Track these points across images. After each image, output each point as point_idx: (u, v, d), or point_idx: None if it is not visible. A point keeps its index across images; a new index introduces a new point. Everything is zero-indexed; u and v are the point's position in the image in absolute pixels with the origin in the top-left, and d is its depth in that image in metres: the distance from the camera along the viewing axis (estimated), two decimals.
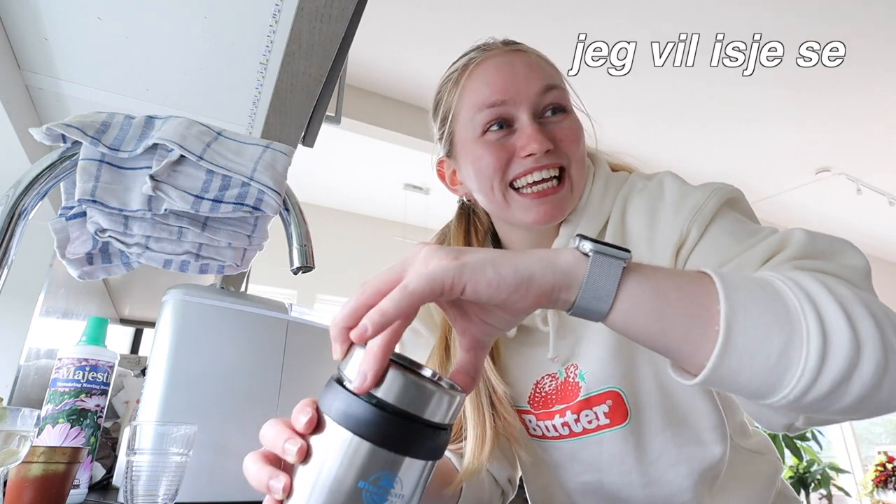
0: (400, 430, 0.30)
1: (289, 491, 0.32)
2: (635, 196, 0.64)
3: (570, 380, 0.65)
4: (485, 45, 0.67)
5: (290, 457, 0.32)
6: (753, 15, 2.65)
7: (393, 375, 0.31)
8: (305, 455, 0.32)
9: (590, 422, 0.64)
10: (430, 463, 0.32)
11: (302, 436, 0.32)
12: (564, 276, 0.35)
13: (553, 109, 0.63)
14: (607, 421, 0.63)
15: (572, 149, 0.62)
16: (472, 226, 0.74)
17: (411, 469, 0.31)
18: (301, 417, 0.32)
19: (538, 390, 0.68)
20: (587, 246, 0.35)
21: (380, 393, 0.31)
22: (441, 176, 0.73)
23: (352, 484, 0.30)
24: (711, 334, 0.34)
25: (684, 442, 0.62)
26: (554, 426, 0.67)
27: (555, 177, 0.61)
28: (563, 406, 0.66)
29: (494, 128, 0.62)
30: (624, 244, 0.61)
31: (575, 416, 0.65)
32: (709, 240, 0.56)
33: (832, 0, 2.56)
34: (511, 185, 0.62)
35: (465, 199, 0.75)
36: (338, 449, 0.30)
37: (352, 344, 0.33)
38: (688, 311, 0.35)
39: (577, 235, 0.37)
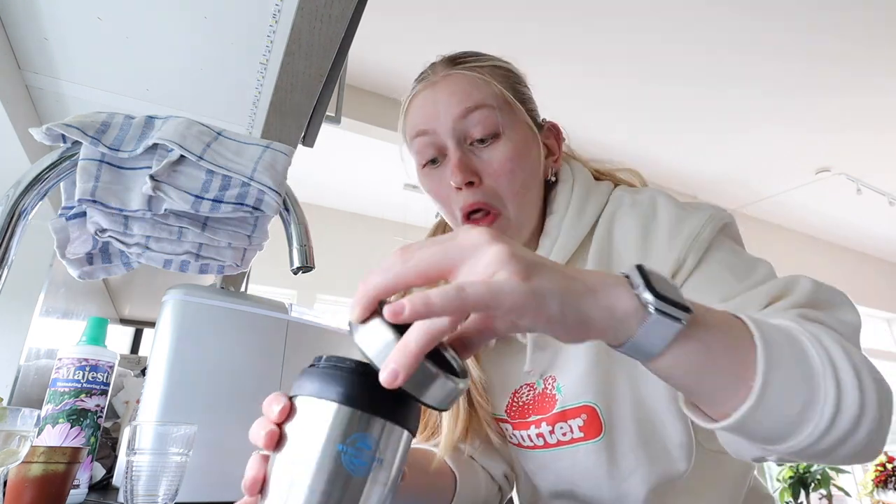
0: (363, 387, 0.31)
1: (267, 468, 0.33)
2: (624, 213, 0.63)
3: (548, 391, 0.65)
4: (424, 73, 0.67)
5: (261, 441, 0.32)
6: (753, 18, 2.65)
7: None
8: (280, 440, 0.32)
9: (564, 434, 0.64)
10: (405, 432, 0.32)
11: (279, 425, 0.32)
12: (618, 327, 0.33)
13: (482, 137, 0.61)
14: (581, 434, 0.63)
15: (502, 182, 0.61)
16: None
17: (386, 433, 0.31)
18: (274, 406, 0.33)
19: (516, 399, 0.68)
20: (649, 298, 0.33)
21: (361, 360, 0.31)
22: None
23: (332, 449, 0.30)
24: (745, 390, 0.35)
25: (655, 459, 0.61)
26: (529, 436, 0.67)
27: (485, 212, 0.61)
28: (538, 417, 0.65)
29: (427, 159, 0.64)
30: (611, 261, 0.62)
31: (550, 428, 0.64)
32: (706, 271, 0.56)
33: (832, 0, 2.56)
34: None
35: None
36: (312, 419, 0.31)
37: (374, 312, 0.31)
38: (727, 370, 0.36)
39: (638, 270, 0.34)
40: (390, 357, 0.29)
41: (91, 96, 0.78)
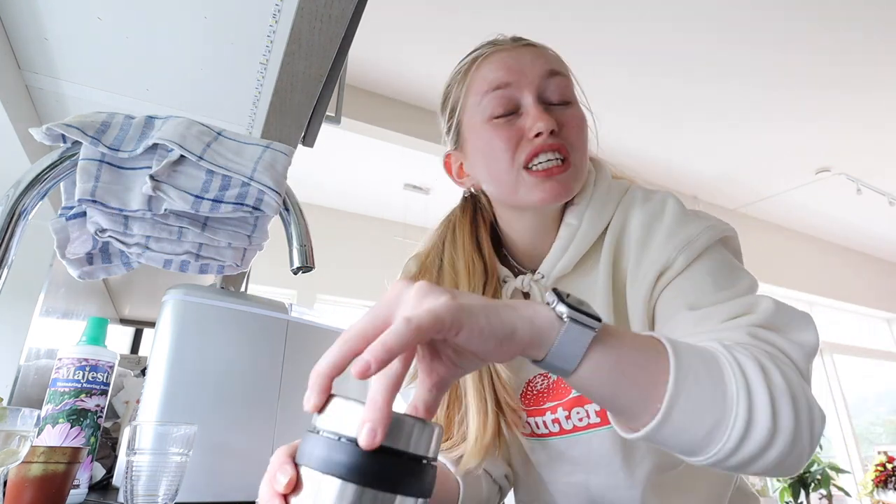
0: (385, 466, 0.29)
1: None
2: (637, 208, 0.65)
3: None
4: (494, 40, 0.69)
5: None
6: (753, 18, 2.65)
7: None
8: None
9: (580, 419, 0.64)
10: (420, 501, 0.31)
11: (285, 496, 0.31)
12: (539, 336, 0.36)
13: (558, 101, 0.64)
14: (598, 420, 0.63)
15: (574, 135, 0.64)
16: (477, 215, 0.75)
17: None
18: (280, 478, 0.31)
19: (530, 388, 0.68)
20: (563, 310, 0.36)
21: (356, 433, 0.29)
22: (448, 169, 0.74)
23: None
24: (653, 410, 0.39)
25: None
26: (545, 423, 0.67)
27: (559, 158, 0.62)
28: (555, 403, 0.66)
29: (501, 111, 0.64)
30: (620, 254, 0.64)
31: (566, 413, 0.65)
32: (691, 274, 0.58)
33: (833, 1, 2.56)
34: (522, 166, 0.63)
35: (471, 190, 0.76)
36: (317, 495, 0.29)
37: (330, 396, 0.32)
38: (639, 385, 0.39)
39: (553, 291, 0.38)
40: (363, 417, 0.29)
41: (91, 96, 0.78)
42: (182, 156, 0.60)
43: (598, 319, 0.37)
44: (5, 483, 0.56)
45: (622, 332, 0.40)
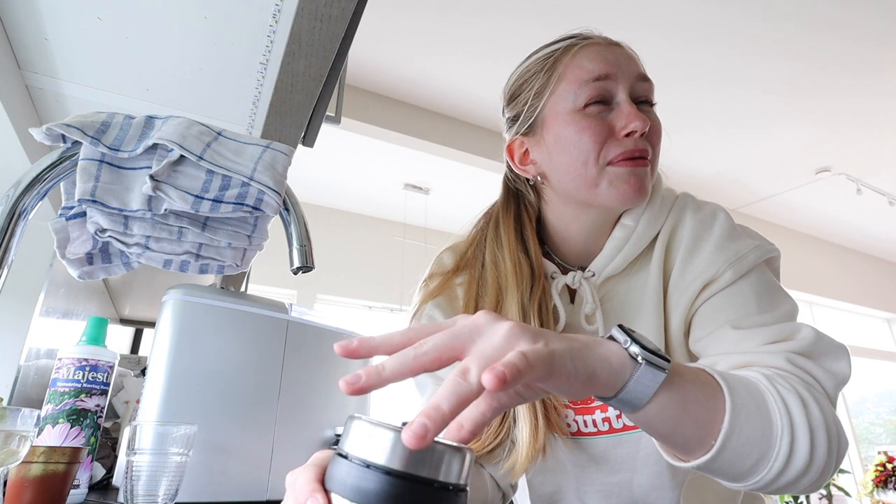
0: (417, 496, 0.29)
1: None
2: (688, 217, 0.67)
3: None
4: (583, 34, 0.70)
5: None
6: (752, 18, 2.65)
7: (397, 440, 0.29)
8: None
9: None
10: None
11: None
12: (614, 377, 0.37)
13: (646, 99, 0.66)
14: None
15: (656, 139, 0.66)
16: (521, 210, 0.74)
17: None
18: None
19: None
20: (636, 350, 0.38)
21: (392, 461, 0.29)
22: (510, 154, 0.72)
23: None
24: (708, 445, 0.42)
25: None
26: (594, 421, 0.67)
27: (644, 157, 0.64)
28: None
29: (599, 100, 0.64)
30: (669, 261, 0.66)
31: (617, 412, 0.65)
32: (736, 291, 0.60)
33: (833, 1, 2.56)
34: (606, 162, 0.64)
35: (531, 180, 0.73)
36: None
37: (355, 419, 0.31)
38: (698, 423, 0.41)
39: (621, 329, 0.39)
40: (422, 413, 0.29)
41: (91, 96, 0.78)
42: (182, 156, 0.60)
43: (668, 360, 0.39)
44: (5, 483, 0.56)
45: (684, 371, 0.42)
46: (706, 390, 0.42)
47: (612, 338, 0.39)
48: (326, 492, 0.31)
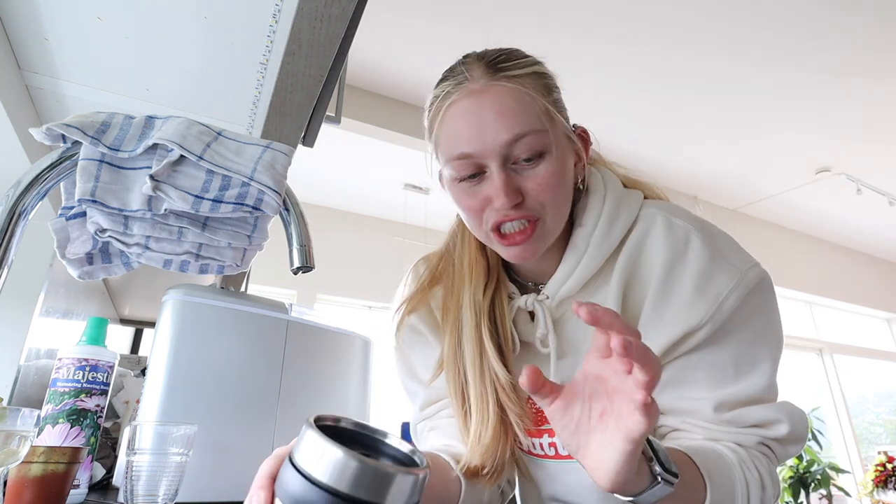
0: None
1: None
2: (656, 238, 0.62)
3: None
4: (459, 73, 0.63)
5: None
6: (754, 28, 2.65)
7: (345, 462, 0.28)
8: None
9: None
10: None
11: None
12: (636, 484, 0.43)
13: (528, 157, 0.59)
14: None
15: (545, 195, 0.60)
16: None
17: None
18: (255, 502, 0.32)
19: (530, 405, 0.67)
20: (659, 470, 0.44)
21: (339, 483, 0.28)
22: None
23: None
24: None
25: None
26: (541, 444, 0.67)
27: (525, 223, 0.61)
28: (551, 426, 0.65)
29: (466, 175, 0.61)
30: (635, 286, 0.63)
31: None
32: (714, 351, 0.60)
33: (834, 5, 2.56)
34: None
35: None
36: None
37: (321, 423, 0.31)
38: None
39: (648, 443, 0.44)
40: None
41: (91, 96, 0.78)
42: (182, 156, 0.60)
43: (677, 476, 0.45)
44: (5, 483, 0.56)
45: (685, 477, 0.47)
46: (696, 489, 0.51)
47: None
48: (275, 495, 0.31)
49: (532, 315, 0.69)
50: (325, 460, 0.29)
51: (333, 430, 0.32)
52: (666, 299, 0.60)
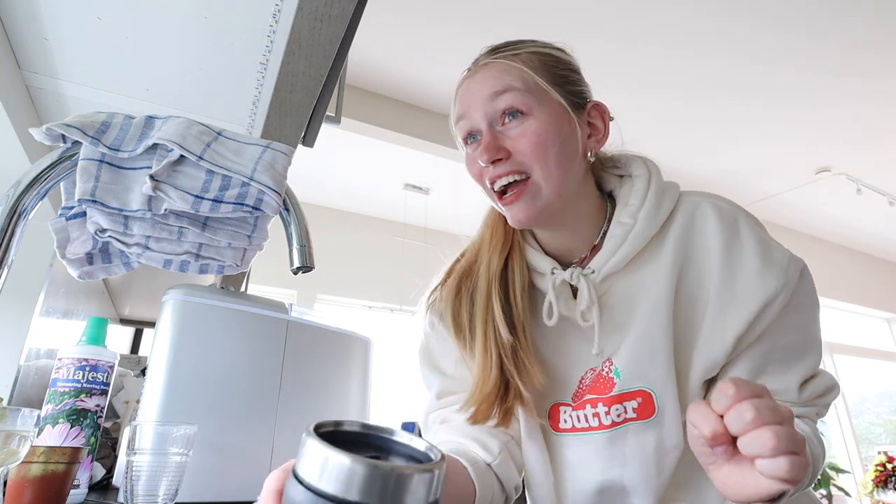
0: None
1: None
2: (707, 216, 0.66)
3: (605, 374, 0.67)
4: (476, 59, 0.70)
5: None
6: (754, 28, 2.65)
7: (352, 468, 0.26)
8: None
9: (619, 415, 0.66)
10: None
11: None
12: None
13: (511, 114, 0.64)
14: (634, 415, 0.65)
15: (529, 152, 0.63)
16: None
17: None
18: None
19: (582, 384, 0.69)
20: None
21: (341, 490, 0.26)
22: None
23: None
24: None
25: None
26: (585, 416, 0.68)
27: (517, 180, 0.64)
28: (594, 396, 0.67)
29: (466, 140, 0.68)
30: (690, 262, 0.66)
31: (606, 409, 0.66)
32: (786, 324, 0.62)
33: (834, 6, 2.56)
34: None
35: None
36: None
37: (324, 430, 0.30)
38: None
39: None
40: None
41: (91, 96, 0.78)
42: (182, 156, 0.60)
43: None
44: (5, 483, 0.56)
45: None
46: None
47: None
48: None
49: (574, 291, 0.70)
50: (330, 469, 0.27)
51: (336, 436, 0.30)
52: (735, 275, 0.62)
